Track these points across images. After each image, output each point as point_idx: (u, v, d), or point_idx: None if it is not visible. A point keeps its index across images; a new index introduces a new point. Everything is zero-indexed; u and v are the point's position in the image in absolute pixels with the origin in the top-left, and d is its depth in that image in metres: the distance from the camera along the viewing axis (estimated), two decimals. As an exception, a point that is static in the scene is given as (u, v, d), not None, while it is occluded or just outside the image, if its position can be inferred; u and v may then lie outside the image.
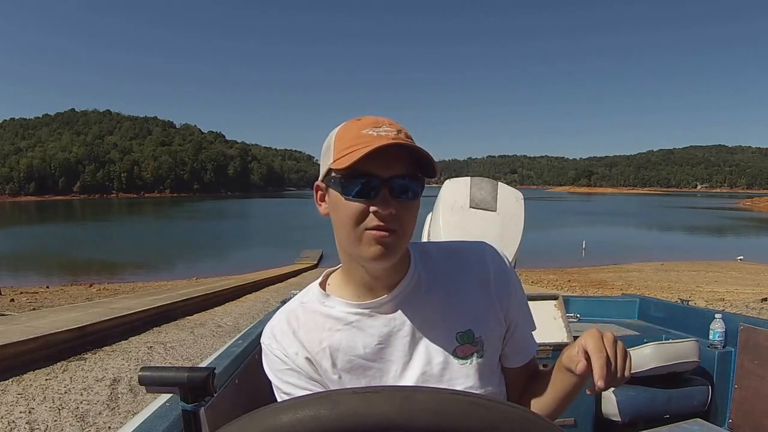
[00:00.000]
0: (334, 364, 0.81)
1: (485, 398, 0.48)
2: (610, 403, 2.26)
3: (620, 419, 2.24)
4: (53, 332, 5.62)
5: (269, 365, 0.85)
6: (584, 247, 26.05)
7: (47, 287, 14.05)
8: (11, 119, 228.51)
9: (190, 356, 5.73)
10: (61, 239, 35.82)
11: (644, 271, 18.37)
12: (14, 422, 3.72)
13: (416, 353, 0.82)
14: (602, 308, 3.09)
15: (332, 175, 0.76)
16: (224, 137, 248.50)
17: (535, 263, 18.49)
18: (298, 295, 0.90)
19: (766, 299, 8.90)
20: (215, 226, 50.81)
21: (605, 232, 40.02)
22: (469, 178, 2.29)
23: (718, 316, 2.37)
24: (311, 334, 0.83)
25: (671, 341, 2.32)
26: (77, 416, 3.88)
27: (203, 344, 6.30)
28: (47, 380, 4.61)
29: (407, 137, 0.75)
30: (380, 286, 0.81)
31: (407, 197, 0.75)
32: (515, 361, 0.90)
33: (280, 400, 0.82)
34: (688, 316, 2.67)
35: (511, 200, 2.27)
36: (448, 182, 2.33)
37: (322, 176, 0.79)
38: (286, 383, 0.83)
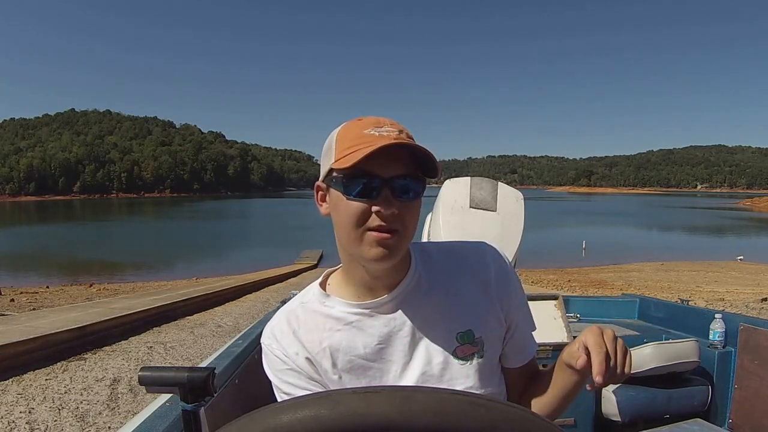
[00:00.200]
0: (334, 364, 0.81)
1: (485, 398, 0.47)
2: (610, 403, 2.26)
3: (620, 419, 2.24)
4: (53, 332, 5.62)
5: (269, 365, 0.85)
6: (584, 247, 26.05)
7: (47, 287, 14.05)
8: (11, 119, 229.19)
9: (190, 356, 5.73)
10: (61, 239, 35.82)
11: (644, 271, 18.37)
12: (14, 422, 3.72)
13: (416, 353, 0.82)
14: (602, 308, 3.09)
15: (334, 174, 0.76)
16: (224, 137, 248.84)
17: (535, 263, 18.50)
18: (298, 295, 0.90)
19: (766, 299, 8.90)
20: (215, 226, 50.79)
21: (605, 232, 40.01)
22: (469, 178, 2.29)
23: (718, 316, 2.37)
24: (311, 334, 0.83)
25: (671, 341, 2.32)
26: (77, 416, 3.88)
27: (203, 344, 6.30)
28: (47, 380, 4.61)
29: (408, 137, 0.75)
30: (380, 286, 0.81)
31: (409, 197, 0.75)
32: (515, 361, 0.90)
33: (280, 400, 0.82)
34: (688, 316, 2.67)
35: (511, 200, 2.27)
36: (448, 182, 2.33)
37: (323, 176, 0.79)
38: (286, 383, 0.83)
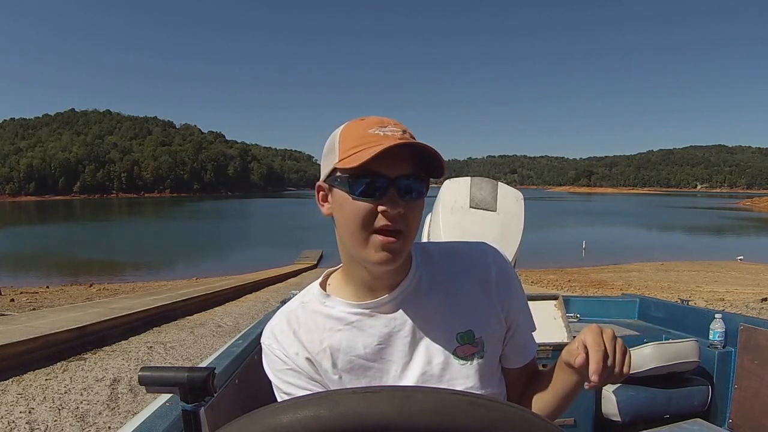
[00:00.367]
0: (334, 364, 0.81)
1: (485, 398, 0.47)
2: (610, 403, 2.26)
3: (620, 419, 2.24)
4: (53, 332, 5.62)
5: (269, 365, 0.85)
6: (584, 247, 26.06)
7: (47, 287, 14.05)
8: (11, 119, 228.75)
9: (190, 356, 5.73)
10: (61, 239, 35.84)
11: (644, 271, 18.37)
12: (14, 422, 3.72)
13: (416, 353, 0.82)
14: (602, 308, 3.09)
15: (338, 174, 0.75)
16: (224, 137, 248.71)
17: (535, 263, 18.49)
18: (298, 295, 0.90)
19: (766, 299, 8.90)
20: (215, 226, 50.78)
21: (605, 232, 40.00)
22: (469, 178, 2.30)
23: (718, 316, 2.37)
24: (311, 334, 0.83)
25: (671, 341, 2.32)
26: (77, 416, 3.88)
27: (203, 344, 6.30)
28: (47, 380, 4.61)
29: (412, 137, 0.76)
30: (381, 286, 0.81)
31: (413, 197, 0.75)
32: (515, 361, 0.90)
33: (280, 400, 0.82)
34: (688, 316, 2.67)
35: (511, 200, 2.27)
36: (448, 182, 2.33)
37: (325, 176, 0.78)
38: (286, 383, 0.83)
